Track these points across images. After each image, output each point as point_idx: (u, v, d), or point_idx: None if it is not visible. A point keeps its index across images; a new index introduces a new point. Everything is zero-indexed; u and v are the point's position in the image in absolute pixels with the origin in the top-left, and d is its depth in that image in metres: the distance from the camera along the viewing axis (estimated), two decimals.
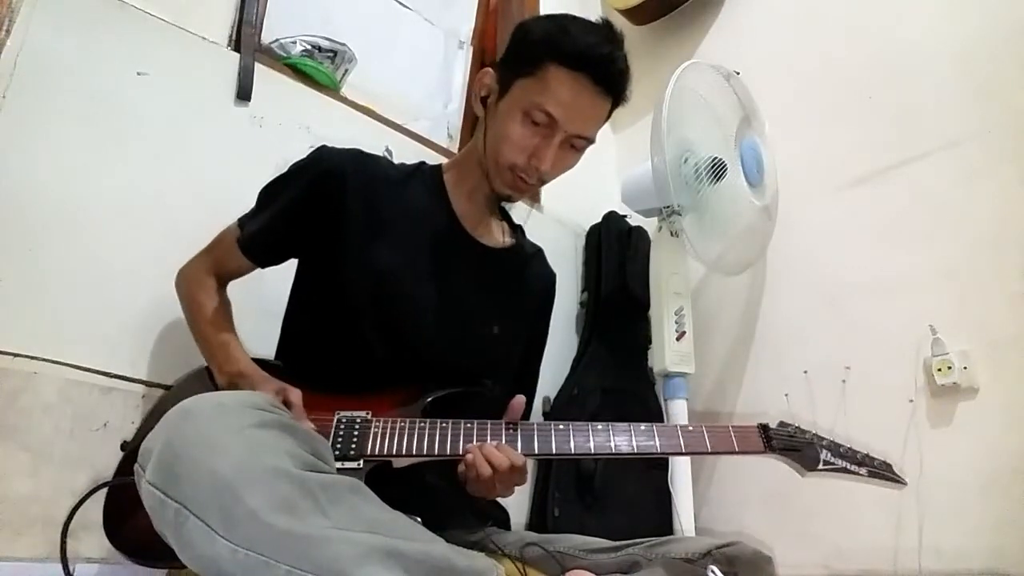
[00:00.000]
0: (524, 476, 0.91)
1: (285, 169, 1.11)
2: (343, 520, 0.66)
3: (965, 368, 1.36)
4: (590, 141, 1.05)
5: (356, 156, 1.10)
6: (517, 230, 1.24)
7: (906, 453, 1.40)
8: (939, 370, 1.38)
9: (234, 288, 1.14)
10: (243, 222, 1.10)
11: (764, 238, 1.72)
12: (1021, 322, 1.33)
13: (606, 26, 1.03)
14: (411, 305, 1.04)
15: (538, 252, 1.27)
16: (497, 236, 1.19)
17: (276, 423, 0.73)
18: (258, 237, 1.08)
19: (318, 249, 1.07)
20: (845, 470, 0.96)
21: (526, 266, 1.23)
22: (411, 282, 1.05)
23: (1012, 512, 1.27)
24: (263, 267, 1.12)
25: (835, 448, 0.97)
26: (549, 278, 1.28)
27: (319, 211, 1.05)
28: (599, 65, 0.99)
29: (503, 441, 0.91)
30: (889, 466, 0.99)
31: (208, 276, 1.10)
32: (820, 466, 0.95)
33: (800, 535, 1.54)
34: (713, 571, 0.85)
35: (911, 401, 1.43)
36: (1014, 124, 1.41)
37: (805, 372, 1.62)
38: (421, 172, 1.16)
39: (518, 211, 1.29)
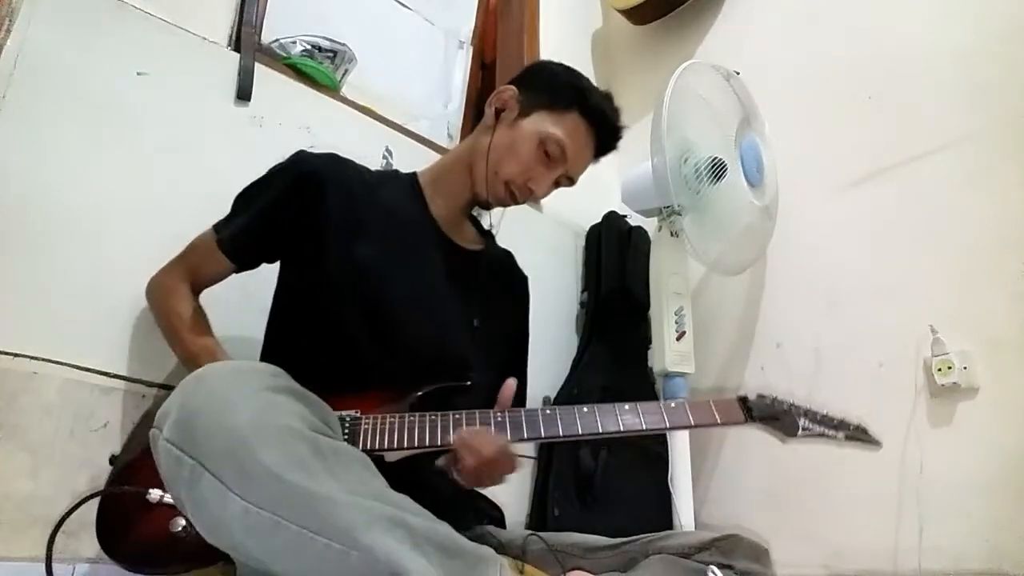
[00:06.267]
0: (511, 462, 0.91)
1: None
2: (352, 486, 0.67)
3: (965, 368, 1.36)
4: (572, 183, 1.21)
5: (333, 159, 1.13)
6: (487, 235, 1.28)
7: (906, 453, 1.40)
8: (939, 370, 1.38)
9: (232, 287, 1.14)
10: (219, 227, 1.10)
11: (764, 238, 1.72)
12: (1021, 322, 1.33)
13: (613, 101, 1.20)
14: (392, 300, 1.05)
15: (509, 255, 1.32)
16: (470, 239, 1.23)
17: (289, 389, 0.75)
18: (239, 237, 1.09)
19: (299, 250, 1.08)
20: (823, 435, 0.99)
21: (499, 268, 1.28)
22: (391, 278, 1.06)
23: (1012, 512, 1.27)
24: (240, 270, 1.13)
25: (812, 415, 1.00)
26: (523, 280, 1.32)
27: (299, 213, 1.06)
28: (609, 133, 1.18)
29: (491, 428, 0.91)
30: (864, 430, 1.02)
31: (182, 283, 1.10)
32: (800, 432, 0.98)
33: (800, 535, 1.54)
34: (713, 571, 0.85)
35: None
36: (1014, 124, 1.41)
37: (804, 372, 1.62)
38: (396, 177, 1.22)
39: (515, 211, 1.29)
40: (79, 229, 1.17)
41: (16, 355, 1.07)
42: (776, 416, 0.99)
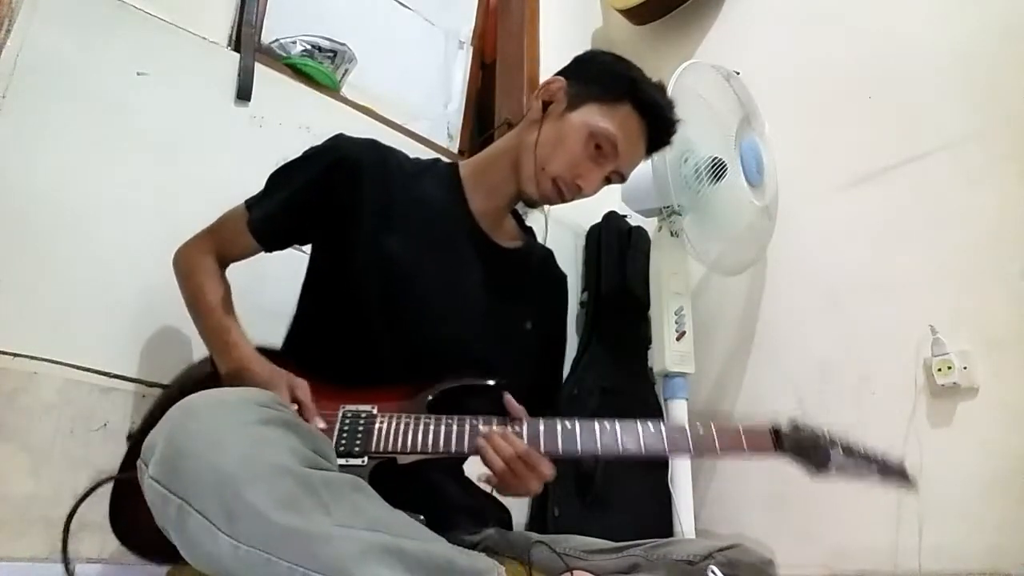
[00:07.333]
0: (542, 468, 0.89)
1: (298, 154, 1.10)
2: (345, 518, 0.66)
3: (965, 368, 1.36)
4: (623, 180, 1.13)
5: (372, 145, 1.10)
6: (528, 232, 1.24)
7: (906, 453, 1.40)
8: (939, 370, 1.38)
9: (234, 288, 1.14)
10: (251, 204, 1.08)
11: (764, 238, 1.72)
12: (1021, 322, 1.33)
13: (667, 92, 1.14)
14: (415, 294, 1.04)
15: (549, 254, 1.28)
16: (510, 236, 1.19)
17: (279, 420, 0.73)
18: (269, 219, 1.07)
19: (329, 236, 1.06)
20: (856, 472, 0.93)
21: (539, 267, 1.24)
22: (421, 274, 1.04)
23: (1012, 512, 1.27)
24: (270, 250, 1.10)
25: (848, 449, 0.94)
26: (562, 280, 1.28)
27: (333, 197, 1.04)
28: (663, 126, 1.10)
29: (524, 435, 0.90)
30: (902, 467, 0.96)
31: (209, 257, 1.08)
32: (832, 467, 0.92)
33: (800, 535, 1.54)
34: (713, 571, 0.85)
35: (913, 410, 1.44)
36: (1014, 124, 1.41)
37: (804, 373, 1.62)
38: (436, 167, 1.17)
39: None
40: (79, 229, 1.18)
41: (16, 355, 1.07)
42: (808, 449, 0.93)
